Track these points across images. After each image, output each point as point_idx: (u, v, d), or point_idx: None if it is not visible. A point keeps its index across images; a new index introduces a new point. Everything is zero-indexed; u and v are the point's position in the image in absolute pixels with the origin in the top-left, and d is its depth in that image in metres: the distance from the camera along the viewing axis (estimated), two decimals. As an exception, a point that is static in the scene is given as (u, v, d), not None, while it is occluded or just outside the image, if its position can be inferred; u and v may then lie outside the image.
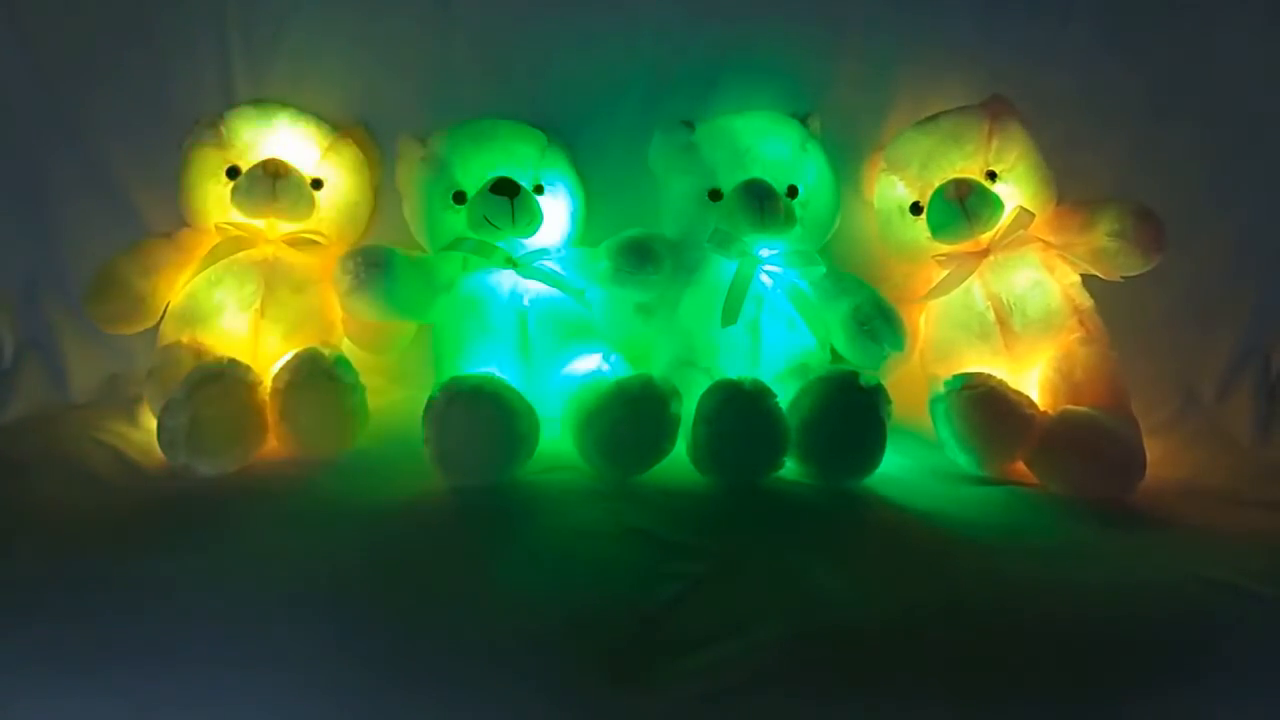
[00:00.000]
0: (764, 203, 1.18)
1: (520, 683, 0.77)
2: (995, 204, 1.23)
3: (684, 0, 1.44)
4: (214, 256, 1.26)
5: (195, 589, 0.85)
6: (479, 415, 1.02)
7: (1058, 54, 1.45)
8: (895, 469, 1.13)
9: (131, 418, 1.29)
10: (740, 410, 1.05)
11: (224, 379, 1.07)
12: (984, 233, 1.25)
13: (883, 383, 1.09)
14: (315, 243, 1.31)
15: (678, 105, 1.41)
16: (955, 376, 1.16)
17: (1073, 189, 1.36)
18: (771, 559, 0.91)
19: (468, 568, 0.89)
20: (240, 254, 1.27)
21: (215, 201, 1.30)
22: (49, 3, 1.42)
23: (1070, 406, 1.15)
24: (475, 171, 1.29)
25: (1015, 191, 1.30)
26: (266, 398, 1.11)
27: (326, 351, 1.14)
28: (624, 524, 0.96)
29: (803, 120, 1.37)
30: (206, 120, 1.34)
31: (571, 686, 0.76)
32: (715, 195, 1.29)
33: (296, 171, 1.27)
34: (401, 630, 0.81)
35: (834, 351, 1.28)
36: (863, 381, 1.07)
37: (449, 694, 0.77)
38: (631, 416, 1.04)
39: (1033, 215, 1.26)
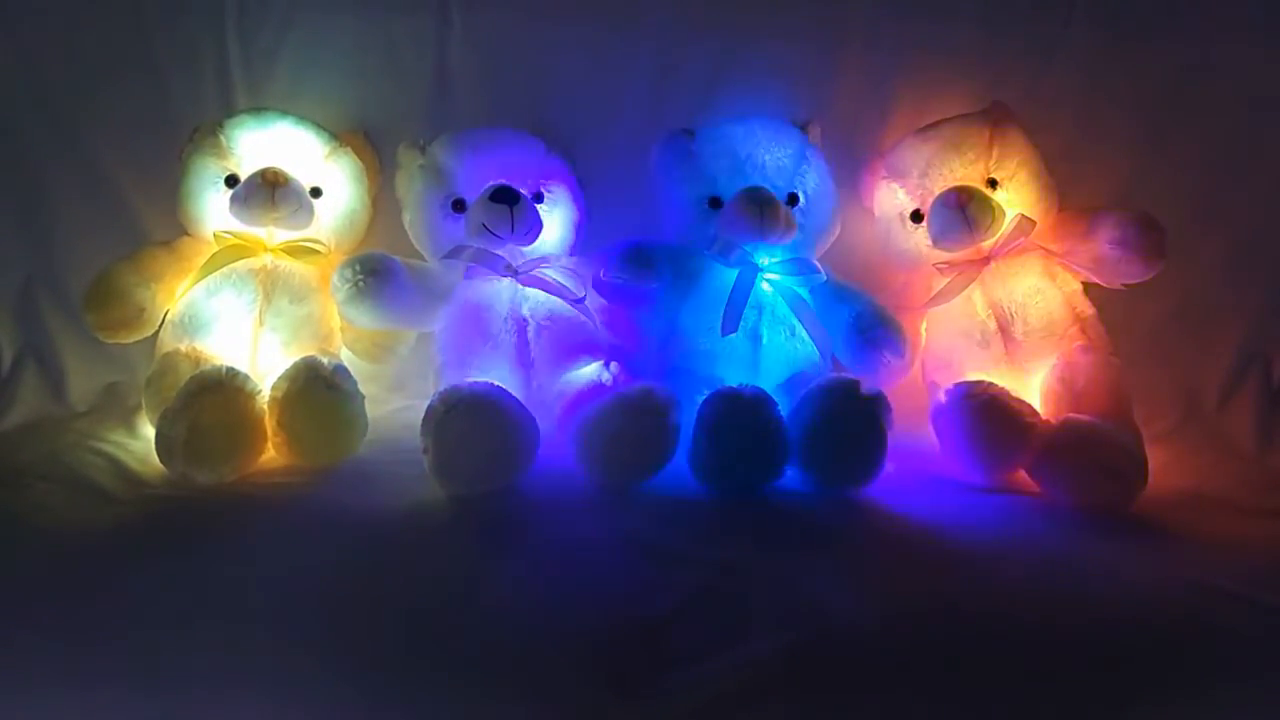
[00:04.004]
0: (764, 210, 1.18)
1: (519, 694, 0.76)
2: (996, 212, 1.22)
3: (684, 8, 1.44)
4: (213, 265, 1.26)
5: (193, 598, 0.85)
6: (478, 424, 1.02)
7: (1058, 61, 1.45)
8: (896, 477, 1.12)
9: (130, 426, 1.29)
10: (740, 419, 1.05)
11: (222, 388, 1.06)
12: (985, 240, 1.25)
13: (883, 391, 1.09)
14: (314, 251, 1.30)
15: (678, 113, 1.41)
16: (956, 384, 1.16)
17: (1074, 196, 1.36)
18: (772, 568, 0.91)
19: (466, 577, 0.88)
20: (239, 262, 1.27)
21: (214, 210, 1.30)
22: (48, 12, 1.42)
23: (1072, 415, 1.14)
24: (475, 179, 1.29)
25: (1016, 199, 1.30)
26: (265, 406, 1.11)
27: (325, 360, 1.13)
28: (623, 533, 0.96)
29: (803, 128, 1.37)
30: (205, 128, 1.33)
31: (570, 697, 0.76)
32: (715, 203, 1.29)
33: (295, 180, 1.27)
34: (399, 640, 0.81)
35: (834, 360, 1.28)
36: (863, 390, 1.07)
37: (447, 704, 0.77)
38: (631, 426, 1.04)
39: (1034, 223, 1.26)
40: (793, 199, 1.30)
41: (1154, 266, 1.23)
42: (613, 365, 1.20)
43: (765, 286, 1.25)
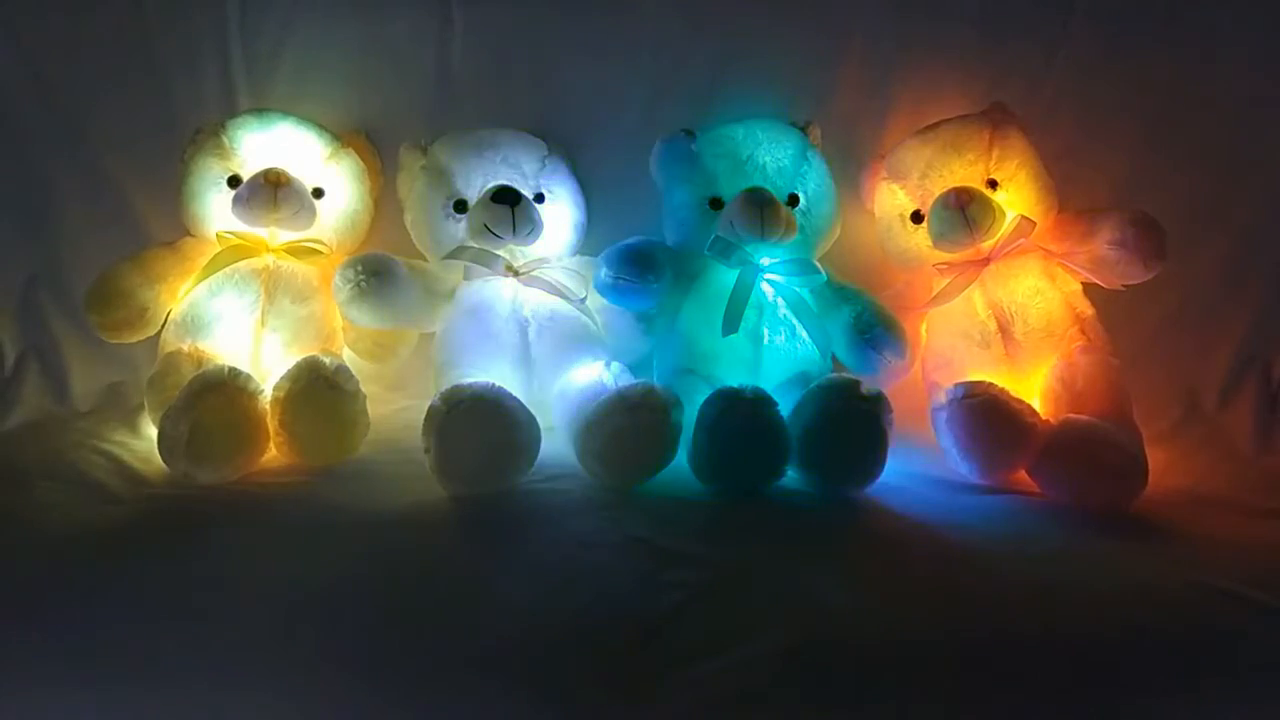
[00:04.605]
0: (764, 211, 1.18)
1: (520, 693, 0.77)
2: (996, 212, 1.23)
3: (685, 9, 1.45)
4: (215, 265, 1.26)
5: (194, 598, 0.85)
6: (479, 424, 1.02)
7: (1058, 62, 1.45)
8: (896, 478, 1.12)
9: (132, 426, 1.29)
10: (741, 419, 1.05)
11: (224, 387, 1.07)
12: (985, 241, 1.25)
13: (884, 391, 1.09)
14: (316, 251, 1.31)
15: (678, 114, 1.41)
16: (956, 385, 1.16)
17: (1073, 197, 1.37)
18: (772, 568, 0.91)
19: (467, 577, 0.89)
20: (241, 263, 1.27)
21: (216, 210, 1.30)
22: (51, 14, 1.43)
23: (1072, 415, 1.14)
24: (476, 180, 1.30)
25: (1016, 200, 1.30)
26: (267, 406, 1.11)
27: (327, 360, 1.13)
28: (624, 533, 0.96)
29: (803, 129, 1.37)
30: (208, 129, 1.34)
31: (571, 696, 0.76)
32: (716, 204, 1.29)
33: (298, 180, 1.27)
34: (401, 639, 0.81)
35: (835, 360, 1.28)
36: (864, 390, 1.07)
37: (448, 704, 0.77)
38: (632, 425, 1.04)
39: (1034, 224, 1.26)
40: (793, 200, 1.30)
41: (1154, 267, 1.23)
42: (614, 365, 1.20)
43: (766, 287, 1.25)
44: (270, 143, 1.33)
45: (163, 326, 1.28)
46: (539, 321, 1.26)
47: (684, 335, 1.26)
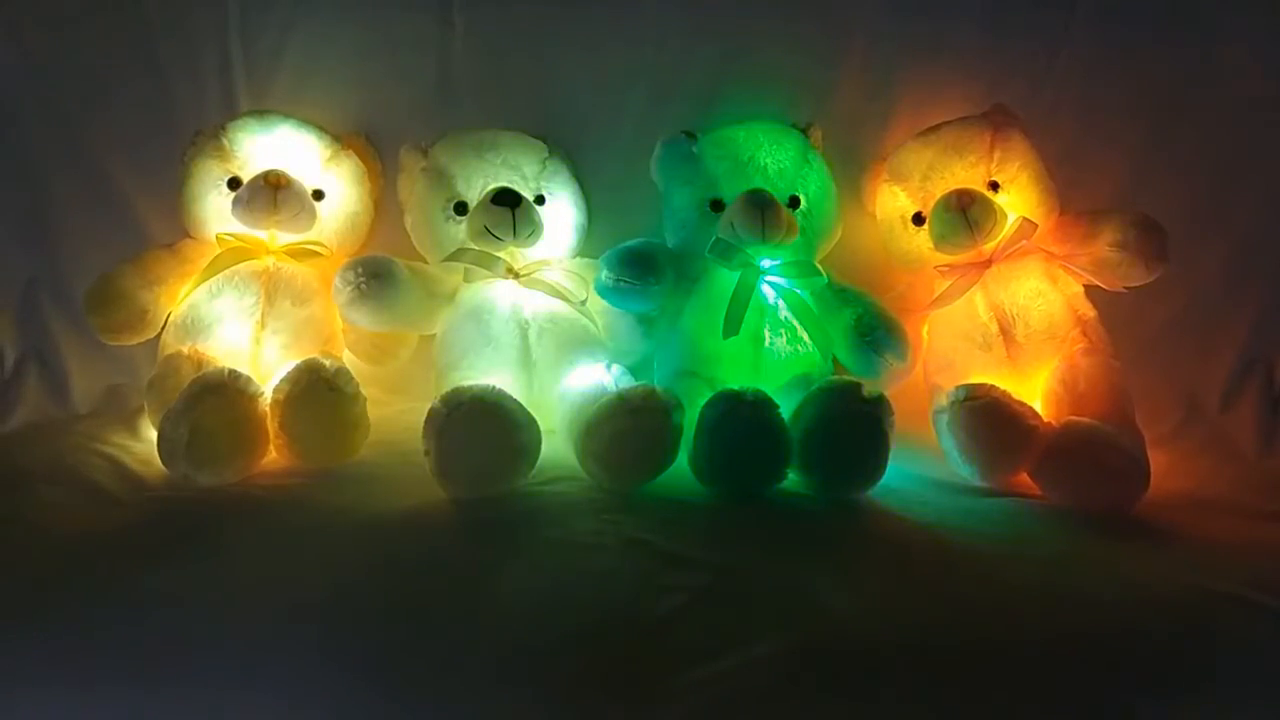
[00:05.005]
0: (765, 213, 1.18)
1: (520, 696, 0.76)
2: (998, 214, 1.23)
3: (686, 11, 1.45)
4: (215, 267, 1.26)
5: (194, 600, 0.85)
6: (480, 427, 1.02)
7: (1059, 64, 1.45)
8: (898, 480, 1.12)
9: (132, 428, 1.29)
10: (742, 421, 1.05)
11: (224, 390, 1.06)
12: (987, 243, 1.25)
13: (885, 394, 1.08)
14: (316, 253, 1.31)
15: (679, 116, 1.41)
16: (958, 387, 1.15)
17: (1075, 199, 1.36)
18: (773, 571, 0.90)
19: (468, 579, 0.88)
20: (241, 265, 1.27)
21: (216, 212, 1.30)
22: (52, 16, 1.43)
23: (1074, 418, 1.14)
24: (476, 182, 1.30)
25: (1017, 202, 1.30)
26: (267, 408, 1.11)
27: (327, 362, 1.13)
28: (625, 536, 0.96)
29: (804, 131, 1.37)
30: (208, 131, 1.34)
31: (571, 699, 0.76)
32: (717, 206, 1.29)
33: (298, 182, 1.27)
34: (401, 642, 0.81)
35: (836, 362, 1.28)
36: (865, 392, 1.07)
37: (448, 707, 0.77)
38: (633, 427, 1.04)
39: (1035, 226, 1.26)
40: (794, 201, 1.30)
41: (1155, 269, 1.23)
42: (614, 367, 1.20)
43: (767, 289, 1.25)
44: (270, 145, 1.33)
45: (163, 329, 1.28)
46: (539, 324, 1.26)
47: (685, 337, 1.26)
